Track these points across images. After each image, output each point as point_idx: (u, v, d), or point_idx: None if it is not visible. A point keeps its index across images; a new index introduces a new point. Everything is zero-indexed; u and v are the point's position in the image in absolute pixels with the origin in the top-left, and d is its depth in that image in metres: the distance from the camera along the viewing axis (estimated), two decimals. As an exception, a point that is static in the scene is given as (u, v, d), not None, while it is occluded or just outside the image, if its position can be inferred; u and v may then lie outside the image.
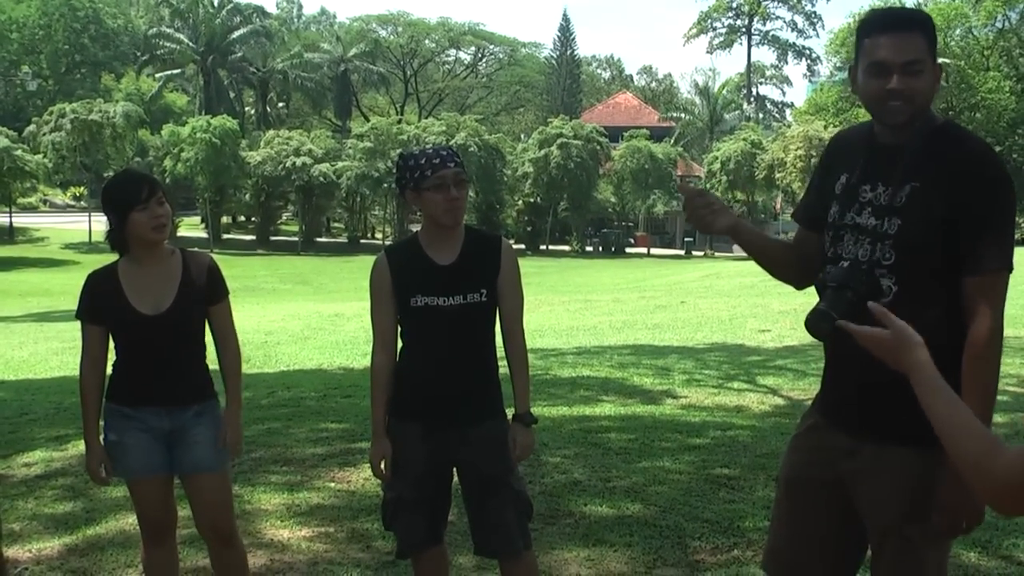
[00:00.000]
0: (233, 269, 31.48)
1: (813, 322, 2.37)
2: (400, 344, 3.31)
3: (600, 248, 59.61)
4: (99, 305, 3.37)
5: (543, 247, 58.06)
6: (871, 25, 2.41)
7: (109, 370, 3.47)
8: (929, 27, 2.42)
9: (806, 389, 8.65)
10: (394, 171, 3.34)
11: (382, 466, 3.26)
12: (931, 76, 2.40)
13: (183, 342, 3.42)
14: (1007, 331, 2.47)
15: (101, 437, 3.45)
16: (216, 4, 68.52)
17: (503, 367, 3.31)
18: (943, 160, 2.36)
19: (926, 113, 2.43)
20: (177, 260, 3.44)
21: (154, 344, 3.37)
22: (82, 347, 3.43)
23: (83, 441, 3.49)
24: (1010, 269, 2.36)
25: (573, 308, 20.84)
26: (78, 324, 3.42)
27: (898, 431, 2.36)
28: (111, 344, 3.45)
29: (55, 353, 14.11)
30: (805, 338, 2.71)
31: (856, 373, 2.47)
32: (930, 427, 2.31)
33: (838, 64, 60.88)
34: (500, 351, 3.30)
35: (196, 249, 3.56)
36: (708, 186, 56.99)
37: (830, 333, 2.39)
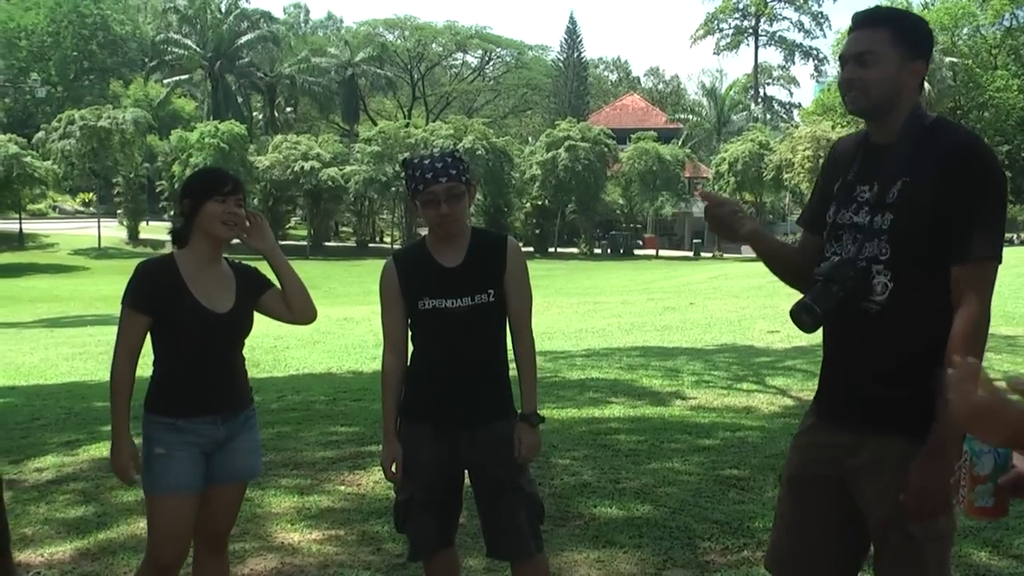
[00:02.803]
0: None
1: (796, 314, 2.44)
2: (411, 347, 3.32)
3: (608, 250, 59.57)
4: (160, 296, 3.22)
5: (551, 249, 58.04)
6: (850, 25, 2.56)
7: (143, 374, 3.31)
8: (897, 24, 2.47)
9: (815, 390, 8.62)
10: (403, 175, 3.36)
11: (393, 468, 3.27)
12: (889, 68, 2.43)
13: (239, 344, 3.37)
14: (1009, 331, 2.47)
15: (140, 448, 3.27)
16: (223, 10, 68.79)
17: (512, 368, 3.32)
18: (932, 153, 2.38)
19: (898, 107, 2.46)
20: (226, 264, 3.38)
21: (215, 345, 3.27)
22: (120, 337, 3.23)
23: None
24: (997, 259, 2.35)
25: (582, 310, 20.84)
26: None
27: (898, 422, 2.39)
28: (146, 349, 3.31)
29: (65, 359, 14.15)
30: (814, 339, 2.72)
31: (853, 369, 2.50)
32: (928, 418, 2.33)
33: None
34: (510, 352, 3.31)
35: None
36: (716, 187, 56.92)
37: (813, 327, 2.43)
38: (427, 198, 3.15)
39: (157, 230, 53.84)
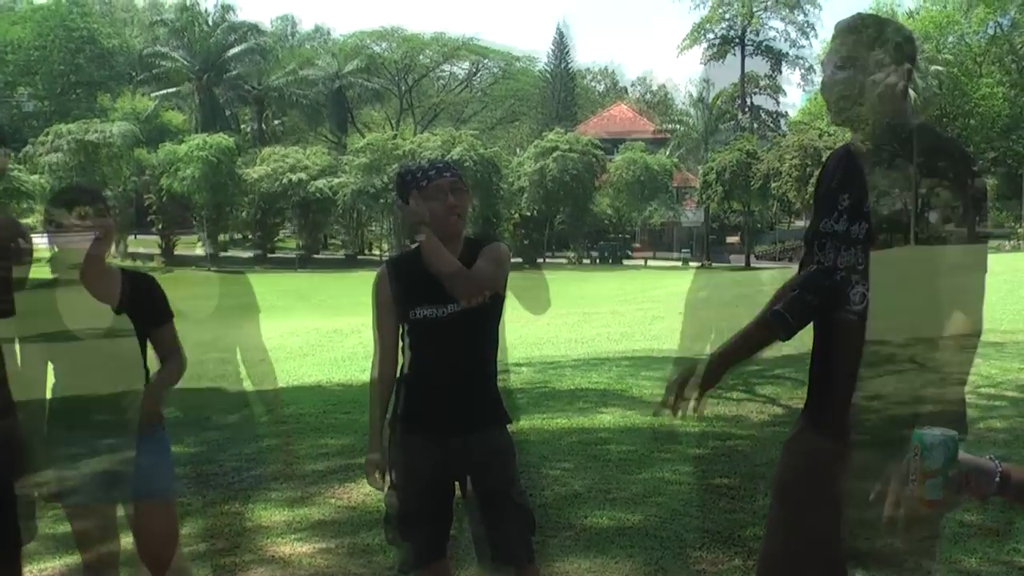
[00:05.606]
0: (232, 287, 31.49)
1: (769, 322, 2.46)
2: (403, 357, 3.32)
3: (598, 259, 59.61)
4: (35, 322, 3.22)
5: (540, 260, 58.03)
6: None
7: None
8: (866, 33, 2.47)
9: (804, 398, 8.64)
10: (392, 186, 3.37)
11: (377, 476, 3.26)
12: (857, 78, 2.43)
13: (116, 370, 3.29)
14: (996, 337, 2.48)
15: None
16: (212, 22, 68.67)
17: (502, 378, 3.32)
18: (908, 162, 2.36)
19: (874, 115, 2.44)
20: (116, 281, 3.29)
21: (87, 372, 3.24)
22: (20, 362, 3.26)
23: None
24: (979, 269, 2.32)
25: (572, 320, 20.83)
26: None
27: (873, 432, 2.39)
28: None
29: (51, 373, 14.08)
30: (803, 347, 2.75)
31: (833, 378, 2.51)
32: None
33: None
34: (502, 363, 3.31)
35: (139, 269, 3.45)
36: (704, 196, 57.03)
37: (786, 335, 2.45)
38: (435, 190, 3.17)
39: (146, 243, 53.69)
